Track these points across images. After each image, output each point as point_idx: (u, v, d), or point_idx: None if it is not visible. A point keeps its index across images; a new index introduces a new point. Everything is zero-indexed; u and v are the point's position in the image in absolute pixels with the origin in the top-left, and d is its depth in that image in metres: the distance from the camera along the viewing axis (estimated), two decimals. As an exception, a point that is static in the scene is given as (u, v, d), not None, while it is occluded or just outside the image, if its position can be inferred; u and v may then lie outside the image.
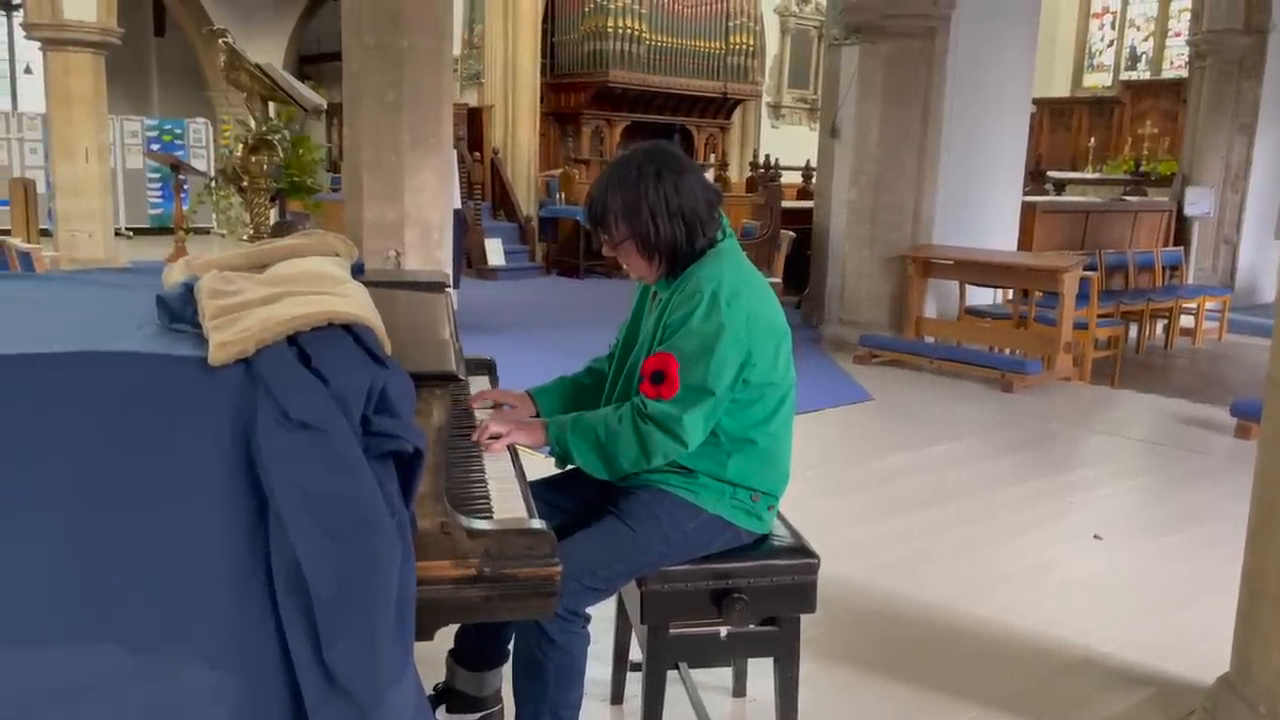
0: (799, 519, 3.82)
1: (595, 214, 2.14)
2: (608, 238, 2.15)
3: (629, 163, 2.12)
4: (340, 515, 1.37)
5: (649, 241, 2.09)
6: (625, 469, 2.07)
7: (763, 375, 2.11)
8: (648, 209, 2.06)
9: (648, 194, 2.06)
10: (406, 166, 5.20)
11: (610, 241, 2.15)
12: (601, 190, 2.12)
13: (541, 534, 1.60)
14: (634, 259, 2.14)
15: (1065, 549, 3.91)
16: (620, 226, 2.10)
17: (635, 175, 2.08)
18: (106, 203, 11.06)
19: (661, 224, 2.07)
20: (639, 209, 2.06)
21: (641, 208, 2.06)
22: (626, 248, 2.13)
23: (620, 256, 2.17)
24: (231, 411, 1.41)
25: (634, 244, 2.10)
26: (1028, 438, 5.57)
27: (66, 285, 2.16)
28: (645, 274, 2.18)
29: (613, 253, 2.18)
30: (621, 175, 2.10)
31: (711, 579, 2.15)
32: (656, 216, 2.06)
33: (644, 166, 2.08)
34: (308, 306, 1.48)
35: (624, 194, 2.07)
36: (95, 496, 1.40)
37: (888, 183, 7.62)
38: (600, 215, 2.13)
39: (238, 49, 5.30)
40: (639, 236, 2.09)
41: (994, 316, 7.70)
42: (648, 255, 2.11)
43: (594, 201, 2.14)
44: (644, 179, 2.07)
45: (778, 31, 17.73)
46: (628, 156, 2.15)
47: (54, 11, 10.19)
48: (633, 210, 2.07)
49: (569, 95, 14.86)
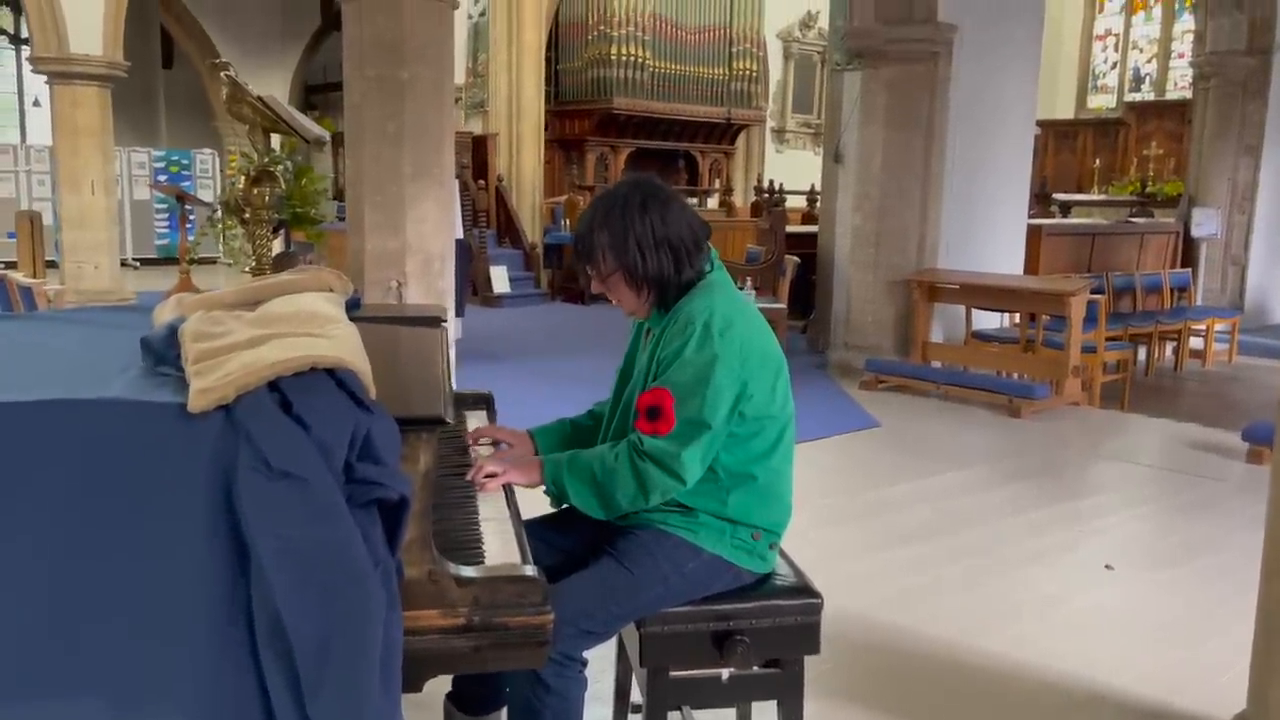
0: (802, 550, 3.76)
1: (583, 249, 2.12)
2: (596, 273, 2.12)
3: (614, 196, 2.10)
4: (322, 566, 1.33)
5: (637, 273, 2.06)
6: (623, 508, 2.03)
7: (760, 408, 2.07)
8: (634, 240, 2.04)
9: (634, 225, 2.04)
10: (408, 197, 5.19)
11: (599, 276, 2.12)
12: (587, 225, 2.10)
13: (533, 581, 1.56)
14: (623, 292, 2.12)
15: (1075, 580, 3.84)
16: (608, 260, 2.08)
17: (621, 207, 2.06)
18: (112, 234, 11.10)
19: (649, 255, 2.04)
20: (626, 241, 2.04)
21: (628, 239, 2.04)
22: (615, 281, 2.10)
23: (610, 291, 2.15)
24: (211, 459, 1.38)
25: (622, 276, 2.08)
26: (1036, 464, 5.51)
27: (57, 326, 2.13)
28: (635, 308, 2.15)
29: (602, 288, 2.15)
30: (607, 208, 2.08)
31: (712, 620, 2.10)
32: (643, 247, 2.04)
33: (629, 198, 2.07)
34: (290, 351, 1.45)
35: (610, 227, 2.06)
36: (74, 546, 1.37)
37: (892, 207, 7.60)
38: (588, 250, 2.10)
39: (240, 81, 5.30)
40: (626, 268, 2.06)
41: (1001, 341, 7.65)
42: (636, 287, 2.09)
43: (581, 237, 2.12)
44: (629, 210, 2.05)
45: (781, 57, 17.80)
46: (612, 190, 2.14)
47: (60, 45, 10.27)
48: (619, 242, 2.05)
49: (573, 122, 14.90)
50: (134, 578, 1.37)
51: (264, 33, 16.81)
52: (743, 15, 15.67)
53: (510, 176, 13.07)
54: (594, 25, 14.42)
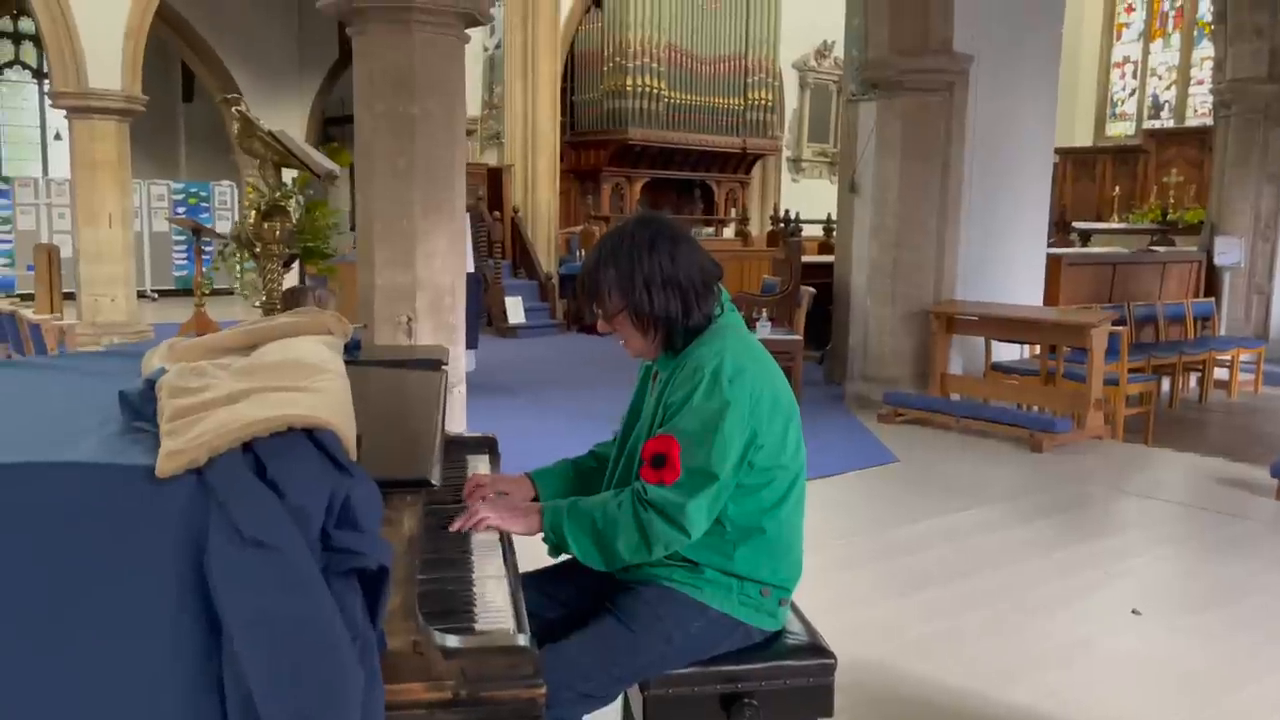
0: (817, 594, 3.64)
1: (588, 287, 2.04)
2: (601, 311, 2.04)
3: (621, 233, 2.03)
4: (296, 642, 1.25)
5: (643, 312, 1.98)
6: (624, 560, 1.94)
7: (770, 458, 1.98)
8: (641, 278, 1.96)
9: (641, 263, 1.96)
10: (419, 233, 5.13)
11: (604, 315, 2.04)
12: (594, 262, 2.03)
13: (524, 652, 1.47)
14: (629, 333, 2.04)
15: (1101, 625, 3.71)
16: (614, 298, 2.00)
17: (628, 245, 1.99)
18: (129, 267, 11.15)
19: (655, 294, 1.97)
20: (633, 279, 1.97)
21: (635, 277, 1.96)
22: (621, 321, 2.02)
23: (616, 332, 2.07)
24: (182, 525, 1.30)
25: (628, 316, 2.00)
26: (1059, 501, 5.37)
27: (41, 374, 2.07)
28: (642, 349, 2.07)
29: (608, 329, 2.07)
30: (614, 246, 2.01)
31: (720, 682, 2.00)
32: (651, 286, 1.96)
33: (636, 235, 1.99)
34: (267, 409, 1.38)
35: (617, 265, 1.98)
36: (36, 618, 1.29)
37: (908, 238, 7.51)
38: (593, 288, 2.03)
39: (251, 116, 5.27)
40: (633, 308, 1.98)
41: (1021, 373, 7.52)
42: (643, 328, 2.01)
43: (586, 274, 2.05)
44: (637, 248, 1.98)
45: (797, 86, 17.80)
46: (620, 227, 2.07)
47: (79, 81, 10.36)
48: (626, 280, 1.97)
49: (589, 153, 14.93)
50: (99, 653, 1.29)
51: (282, 65, 16.97)
52: (758, 46, 15.70)
53: (526, 207, 13.08)
54: (609, 57, 14.47)
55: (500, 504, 2.06)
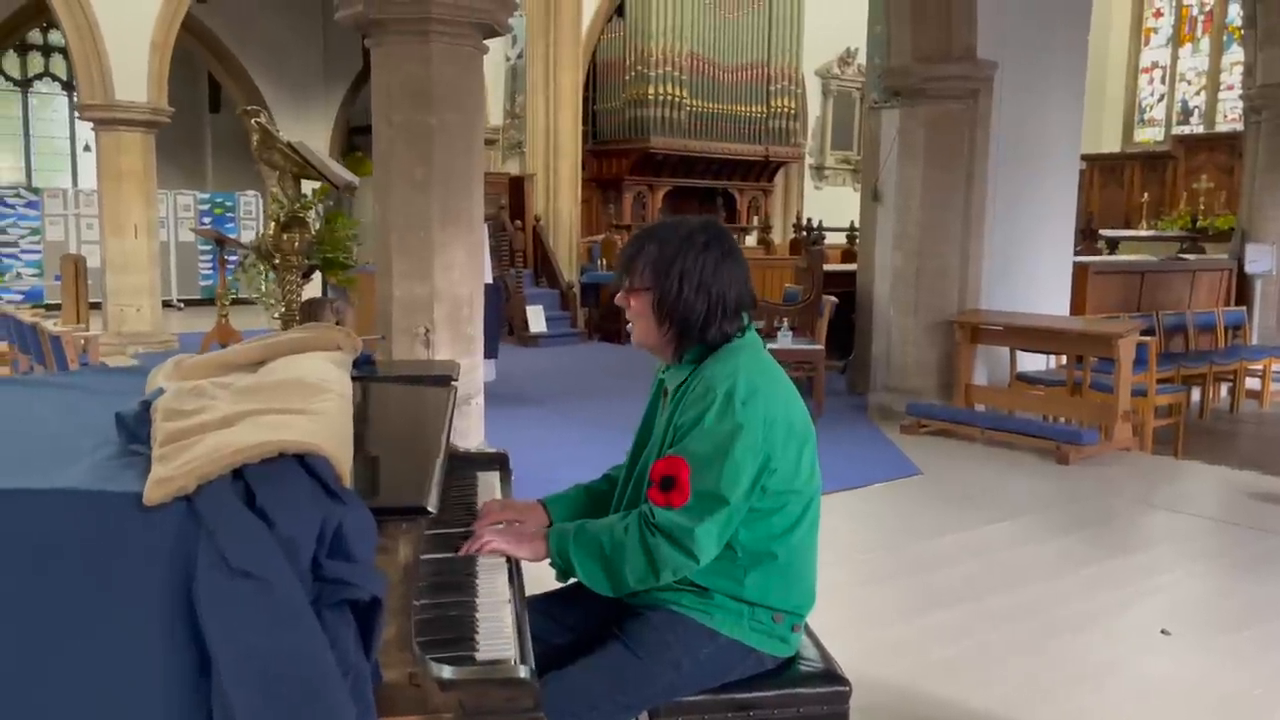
0: (837, 612, 3.58)
1: (628, 254, 2.01)
2: (629, 283, 1.99)
3: (682, 222, 2.01)
4: (284, 676, 1.21)
5: (666, 303, 1.94)
6: (630, 586, 1.89)
7: (784, 482, 1.93)
8: (680, 269, 1.93)
9: (686, 255, 1.93)
10: (436, 244, 5.11)
11: (629, 287, 1.99)
12: (644, 235, 2.02)
13: (524, 684, 1.42)
14: (644, 317, 1.99)
15: (1131, 645, 3.61)
16: (645, 274, 1.96)
17: (682, 236, 1.96)
18: (154, 277, 11.22)
19: (686, 291, 1.92)
20: (671, 265, 1.93)
21: (674, 265, 1.93)
22: (641, 301, 1.98)
23: (630, 310, 2.01)
24: (170, 555, 1.26)
25: (650, 299, 1.96)
26: (1086, 515, 5.27)
27: (43, 393, 2.05)
28: (647, 338, 2.01)
29: (625, 303, 2.02)
30: (669, 229, 1.99)
31: (731, 710, 1.95)
32: (684, 281, 1.92)
33: (695, 234, 1.97)
34: (259, 434, 1.34)
35: (664, 246, 1.95)
36: (22, 649, 1.26)
37: (932, 247, 7.42)
38: (632, 256, 2.00)
39: (270, 128, 5.28)
40: (659, 294, 1.94)
41: (1047, 383, 7.41)
42: (659, 317, 1.96)
43: (631, 242, 2.03)
44: (690, 242, 1.95)
45: (820, 94, 17.74)
46: (685, 218, 2.04)
47: (106, 93, 10.45)
48: (665, 264, 1.94)
49: (611, 162, 14.92)
50: (87, 685, 1.25)
51: (307, 77, 17.09)
52: (781, 53, 15.65)
53: (547, 216, 13.07)
54: (631, 65, 14.47)
55: (507, 528, 2.02)
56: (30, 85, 18.62)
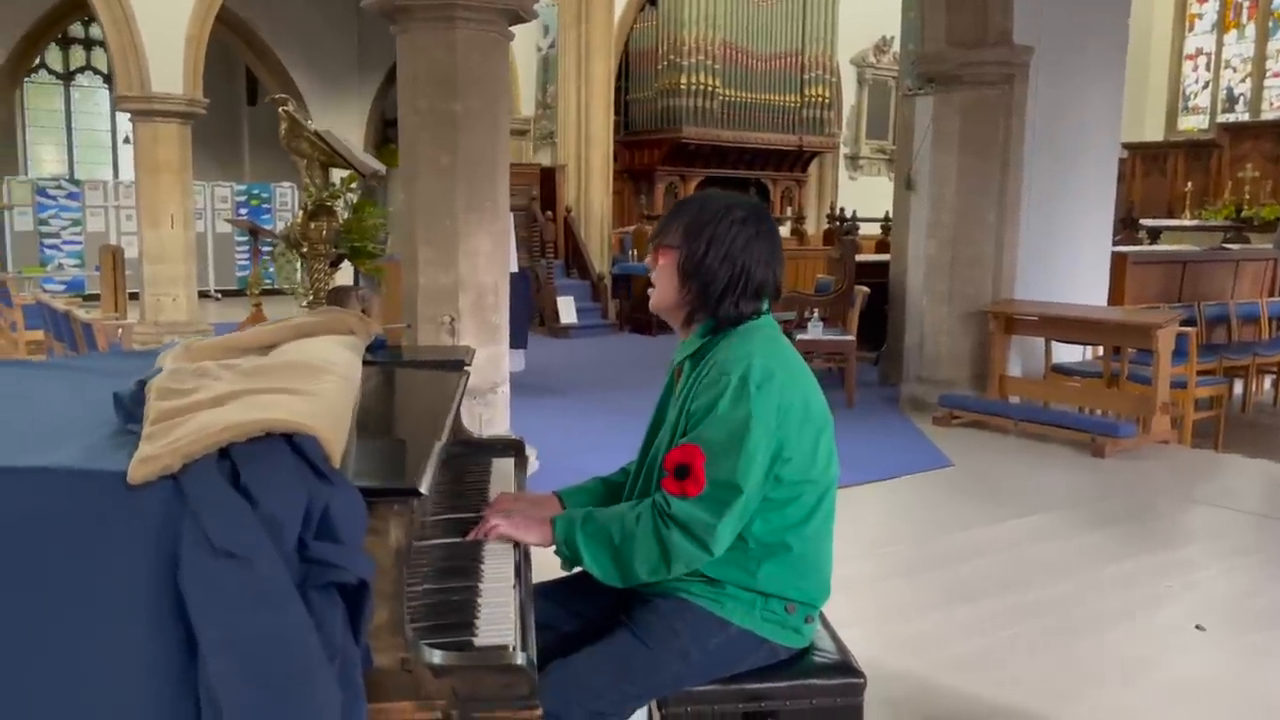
0: (859, 604, 3.52)
1: (667, 216, 2.02)
2: (660, 241, 1.99)
3: (728, 197, 2.01)
4: (267, 659, 1.18)
5: (690, 262, 1.92)
6: (641, 577, 1.84)
7: (799, 471, 1.87)
8: (710, 234, 1.91)
9: (720, 223, 1.92)
10: (461, 232, 5.09)
11: (659, 243, 1.99)
12: (687, 199, 2.04)
13: (519, 672, 1.39)
14: (667, 278, 1.97)
15: (1164, 642, 3.52)
16: (677, 233, 1.95)
17: (722, 206, 1.95)
18: (190, 267, 11.34)
19: (712, 257, 1.91)
20: (704, 230, 1.92)
21: (706, 230, 1.92)
22: (668, 259, 1.96)
23: (656, 267, 2.00)
24: (156, 535, 1.24)
25: (677, 258, 1.94)
26: (1121, 510, 5.15)
27: (53, 374, 2.05)
28: (666, 301, 1.99)
29: (653, 263, 2.01)
30: (713, 198, 1.99)
31: (742, 700, 1.91)
32: (713, 246, 1.91)
33: (734, 207, 1.96)
34: (247, 413, 1.31)
35: (702, 212, 1.95)
36: (6, 627, 1.24)
37: (966, 235, 7.30)
38: (670, 217, 2.01)
39: (298, 116, 5.28)
40: (685, 251, 1.93)
41: (1083, 375, 7.27)
42: (682, 277, 1.94)
43: (674, 206, 2.04)
44: (728, 213, 1.94)
45: (855, 82, 17.54)
46: (734, 195, 2.04)
47: (142, 85, 10.56)
48: (698, 228, 1.93)
49: (643, 152, 14.85)
50: (73, 665, 1.24)
51: (341, 68, 17.18)
52: (815, 42, 15.48)
53: (579, 207, 13.04)
54: (664, 55, 14.38)
55: (515, 513, 1.98)
56: (72, 78, 18.89)
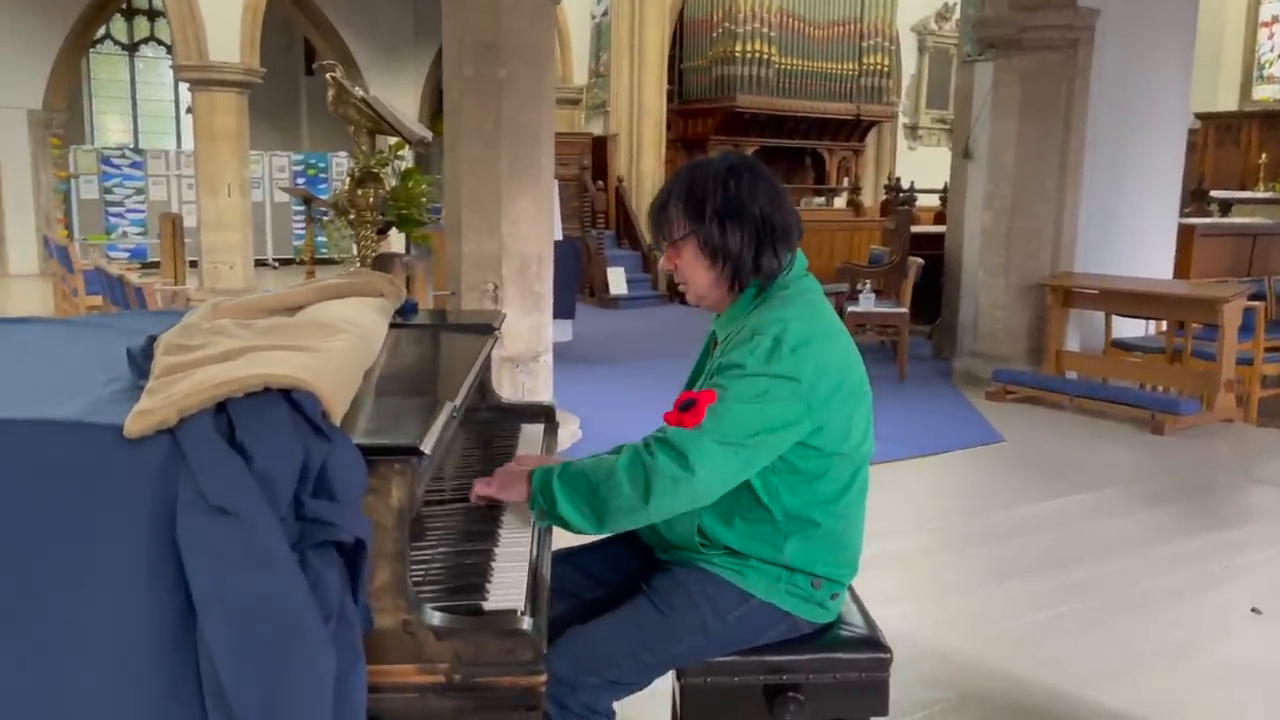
0: (901, 579, 3.44)
1: (657, 216, 1.89)
2: (668, 242, 1.87)
3: (701, 162, 1.89)
4: (259, 615, 1.16)
5: (712, 241, 1.80)
6: (618, 518, 1.70)
7: (832, 443, 1.79)
8: (713, 208, 1.80)
9: (714, 193, 1.80)
10: (504, 198, 5.07)
11: (671, 244, 1.86)
12: (666, 190, 1.88)
13: (524, 636, 1.35)
14: (693, 269, 1.85)
15: (1216, 625, 3.40)
16: (681, 224, 1.83)
17: (703, 174, 1.83)
18: (247, 236, 11.50)
19: (729, 226, 1.79)
20: (704, 207, 1.80)
21: (706, 205, 1.80)
22: (688, 253, 1.84)
23: (680, 270, 1.88)
24: (154, 490, 1.22)
25: (695, 245, 1.82)
26: (1179, 488, 4.99)
27: (77, 332, 2.05)
28: (703, 289, 1.87)
29: (672, 265, 1.89)
30: (686, 174, 1.87)
31: (763, 673, 1.86)
32: (723, 217, 1.79)
33: (716, 165, 1.85)
34: (248, 369, 1.29)
35: (690, 190, 1.83)
36: (6, 580, 1.24)
37: (1025, 206, 7.10)
38: (660, 209, 1.87)
39: (344, 82, 5.28)
40: (702, 239, 1.81)
41: (1144, 350, 7.05)
42: (710, 259, 1.82)
43: (658, 202, 1.89)
44: (714, 178, 1.82)
45: (915, 50, 17.16)
46: (698, 160, 1.92)
47: (200, 53, 10.68)
48: (696, 208, 1.81)
49: (696, 122, 14.67)
50: (70, 621, 1.23)
51: (397, 37, 17.21)
52: (875, 8, 15.13)
53: (630, 177, 12.95)
54: (719, 22, 14.15)
55: (499, 471, 1.86)
56: (136, 49, 19.20)
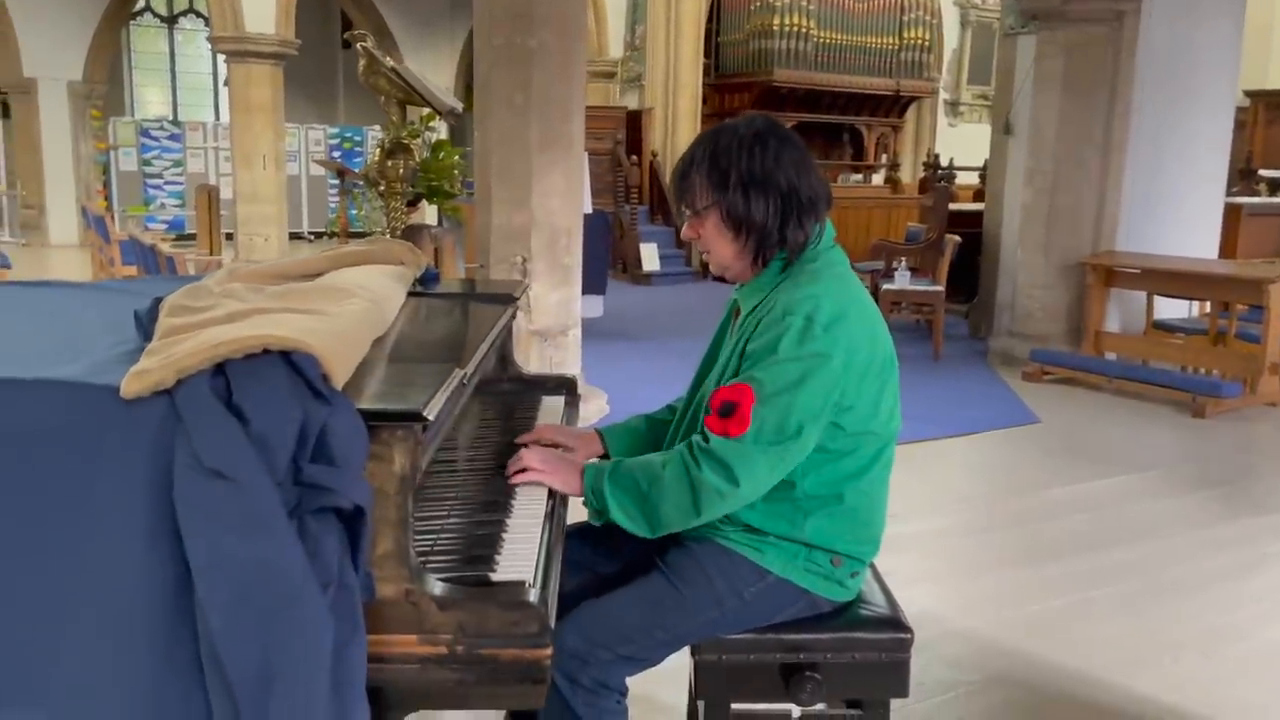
0: (934, 560, 3.38)
1: (679, 184, 1.82)
2: (691, 211, 1.81)
3: (724, 127, 1.81)
4: (256, 583, 1.14)
5: (735, 211, 1.75)
6: (670, 524, 1.72)
7: (860, 422, 1.74)
8: (737, 175, 1.73)
9: (738, 160, 1.74)
10: (534, 171, 5.02)
11: (693, 213, 1.81)
12: (689, 156, 1.82)
13: (529, 608, 1.32)
14: (716, 239, 1.80)
15: (1251, 612, 3.31)
16: (704, 193, 1.77)
17: (727, 140, 1.76)
18: (282, 208, 11.56)
19: (753, 195, 1.73)
20: (728, 175, 1.74)
21: (730, 174, 1.74)
22: (710, 223, 1.79)
23: (702, 240, 1.82)
24: (152, 451, 1.20)
25: (718, 216, 1.77)
26: (1219, 472, 4.88)
27: (93, 295, 2.04)
28: (727, 259, 1.82)
29: (694, 234, 1.83)
30: (710, 140, 1.80)
31: (780, 651, 1.82)
32: (747, 185, 1.73)
33: (740, 130, 1.77)
34: (252, 329, 1.26)
35: (714, 158, 1.76)
36: (6, 541, 1.23)
37: (1066, 183, 6.95)
38: (683, 176, 1.81)
39: (375, 52, 5.26)
40: (726, 208, 1.75)
41: (1186, 332, 6.89)
42: (734, 230, 1.77)
43: (679, 167, 1.83)
44: (738, 144, 1.75)
45: (957, 25, 16.85)
46: (725, 123, 1.84)
47: (236, 25, 10.71)
48: (720, 176, 1.75)
49: (732, 96, 14.52)
50: (67, 584, 1.21)
51: (433, 10, 17.18)
52: (916, -19, 14.89)
53: (665, 152, 12.86)
54: (757, -5, 13.99)
55: (550, 455, 1.86)
56: (175, 22, 19.34)
